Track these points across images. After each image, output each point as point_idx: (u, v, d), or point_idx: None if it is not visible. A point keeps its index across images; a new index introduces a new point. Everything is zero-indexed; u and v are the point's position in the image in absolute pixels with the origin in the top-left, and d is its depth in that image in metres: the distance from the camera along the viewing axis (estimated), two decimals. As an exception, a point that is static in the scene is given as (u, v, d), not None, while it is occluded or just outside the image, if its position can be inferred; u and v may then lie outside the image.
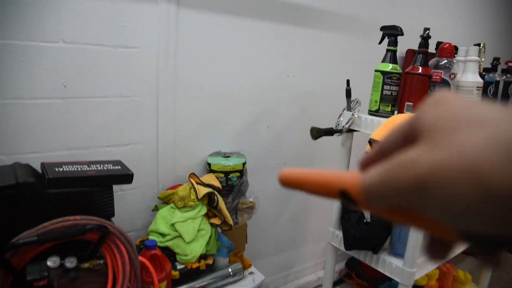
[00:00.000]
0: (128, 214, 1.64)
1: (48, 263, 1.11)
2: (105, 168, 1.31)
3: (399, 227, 1.16)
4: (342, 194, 0.29)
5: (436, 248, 0.26)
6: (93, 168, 1.28)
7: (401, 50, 2.29)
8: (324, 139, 1.30)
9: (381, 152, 0.27)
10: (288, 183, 0.36)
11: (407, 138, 0.24)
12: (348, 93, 1.20)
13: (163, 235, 1.46)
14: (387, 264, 1.19)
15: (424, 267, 1.19)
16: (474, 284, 1.84)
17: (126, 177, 1.30)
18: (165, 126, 1.63)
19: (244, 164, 1.69)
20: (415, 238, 1.09)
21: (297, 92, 2.05)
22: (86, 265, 1.16)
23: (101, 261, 1.19)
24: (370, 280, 2.38)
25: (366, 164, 0.28)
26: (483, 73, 1.40)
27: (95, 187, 1.24)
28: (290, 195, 2.20)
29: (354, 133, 1.25)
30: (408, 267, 1.12)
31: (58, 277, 1.10)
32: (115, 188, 1.55)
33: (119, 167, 1.34)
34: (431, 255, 0.27)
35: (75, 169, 1.25)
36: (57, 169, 1.21)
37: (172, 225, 1.45)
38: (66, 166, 1.26)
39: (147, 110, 1.58)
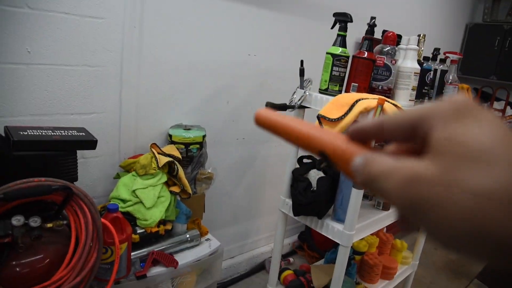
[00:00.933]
0: (90, 181, 1.69)
1: (13, 221, 1.16)
2: (69, 134, 1.36)
3: (341, 195, 1.30)
4: (322, 154, 0.30)
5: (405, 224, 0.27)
6: (57, 133, 1.32)
7: (358, 36, 2.43)
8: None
9: (380, 129, 0.27)
10: (264, 123, 0.37)
11: (414, 132, 0.24)
12: (302, 72, 1.30)
13: (124, 201, 1.53)
14: (330, 228, 1.34)
15: (362, 231, 1.35)
16: (409, 251, 2.06)
17: (90, 143, 1.35)
18: (128, 96, 1.68)
19: (204, 136, 1.78)
20: (354, 206, 1.24)
21: (257, 70, 2.15)
22: (49, 225, 1.22)
23: (64, 222, 1.25)
24: (320, 252, 2.57)
25: (359, 134, 0.29)
26: (422, 61, 1.55)
27: (60, 151, 1.29)
28: (247, 168, 2.32)
29: (306, 109, 1.37)
30: (348, 231, 1.27)
31: (22, 235, 1.16)
32: (78, 155, 1.60)
33: (83, 134, 1.39)
34: (402, 229, 0.30)
35: (40, 133, 1.29)
36: (21, 133, 1.25)
37: (133, 191, 1.53)
38: (31, 131, 1.29)
39: (111, 80, 1.62)
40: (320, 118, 1.19)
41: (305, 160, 1.49)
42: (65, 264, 1.17)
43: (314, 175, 1.34)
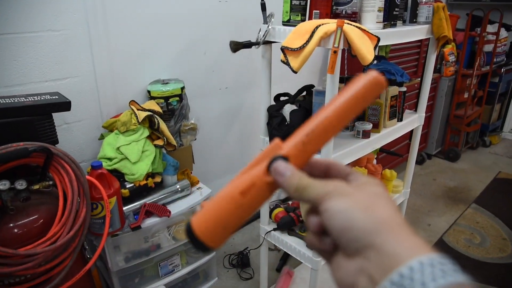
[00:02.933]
0: (77, 146, 1.72)
1: (-1, 186, 1.20)
2: (42, 98, 1.37)
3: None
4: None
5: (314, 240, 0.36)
6: (30, 99, 1.34)
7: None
8: (259, 62, 1.41)
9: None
10: (210, 230, 0.36)
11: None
12: (263, 7, 1.28)
13: (110, 159, 1.56)
14: (307, 158, 1.36)
15: (341, 160, 1.37)
16: (399, 180, 2.10)
17: (63, 105, 1.37)
18: (100, 57, 1.67)
19: (182, 88, 1.78)
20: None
21: (231, 18, 2.10)
22: (36, 186, 1.26)
23: (50, 182, 1.29)
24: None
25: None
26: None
27: (34, 116, 1.30)
28: (235, 117, 2.33)
29: (273, 45, 1.35)
30: (326, 157, 1.29)
31: (11, 199, 1.20)
32: (60, 121, 1.63)
33: (56, 97, 1.40)
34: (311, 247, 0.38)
35: (12, 100, 1.30)
36: (-8, 102, 1.26)
37: (118, 148, 1.56)
38: (3, 99, 1.31)
39: (80, 42, 1.60)
40: (284, 50, 1.18)
41: (281, 98, 1.50)
42: (57, 220, 1.22)
43: (289, 109, 1.35)
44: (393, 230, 0.29)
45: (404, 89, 1.73)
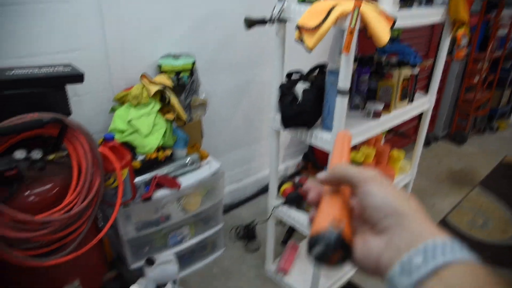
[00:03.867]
0: (87, 118, 1.73)
1: (16, 155, 1.23)
2: (55, 70, 1.38)
3: (327, 105, 1.33)
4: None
5: None
6: (43, 71, 1.35)
7: None
8: (272, 37, 1.40)
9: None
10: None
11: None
12: (279, -16, 1.27)
13: (121, 131, 1.59)
14: (319, 137, 1.38)
15: (352, 139, 1.39)
16: (406, 160, 2.11)
17: (77, 77, 1.38)
18: (111, 30, 1.66)
19: (193, 63, 1.78)
20: (340, 113, 1.26)
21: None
22: (51, 157, 1.29)
23: (65, 153, 1.32)
24: (322, 168, 2.66)
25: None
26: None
27: (48, 88, 1.32)
28: (244, 93, 2.34)
29: (287, 24, 1.34)
30: (335, 138, 1.31)
31: (27, 168, 1.24)
32: (71, 93, 1.64)
33: (70, 69, 1.41)
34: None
35: (26, 72, 1.32)
36: (7, 73, 1.27)
37: (129, 121, 1.58)
38: (17, 70, 1.32)
39: (90, 14, 1.59)
40: (300, 28, 1.18)
41: (293, 76, 1.50)
42: (72, 190, 1.26)
43: (300, 88, 1.36)
44: (420, 217, 0.36)
45: (416, 71, 1.72)
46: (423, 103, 1.86)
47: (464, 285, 0.30)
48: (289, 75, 1.52)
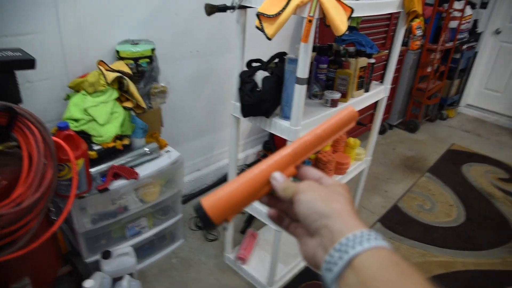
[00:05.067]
0: (41, 105, 1.65)
1: (-42, 145, 1.15)
2: (4, 54, 1.30)
3: (286, 93, 1.34)
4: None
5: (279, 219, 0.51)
6: (-11, 55, 1.26)
7: None
8: (233, 25, 1.38)
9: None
10: (223, 211, 0.45)
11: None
12: (240, -31, 1.25)
13: (77, 120, 1.52)
14: (278, 125, 1.39)
15: (309, 127, 1.41)
16: (362, 148, 2.19)
17: (27, 62, 1.30)
18: (66, 13, 1.58)
19: (153, 50, 1.73)
20: (298, 102, 1.28)
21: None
22: (-1, 147, 1.22)
23: (14, 143, 1.25)
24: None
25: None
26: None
27: (-5, 73, 1.24)
28: (205, 81, 2.31)
29: (248, 10, 1.33)
30: (294, 126, 1.33)
31: (-29, 159, 1.16)
32: (22, 79, 1.55)
33: (19, 53, 1.33)
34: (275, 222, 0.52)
35: (-30, 55, 1.23)
36: None
37: (85, 110, 1.52)
38: (-41, 53, 1.23)
39: (43, -5, 1.51)
40: (259, 16, 1.17)
41: (254, 64, 1.50)
42: (22, 182, 1.19)
43: (261, 75, 1.36)
44: (342, 216, 0.40)
45: (373, 60, 1.78)
46: (379, 92, 1.92)
47: (372, 270, 0.34)
48: (249, 63, 1.51)
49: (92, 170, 1.50)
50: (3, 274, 1.32)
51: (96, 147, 1.53)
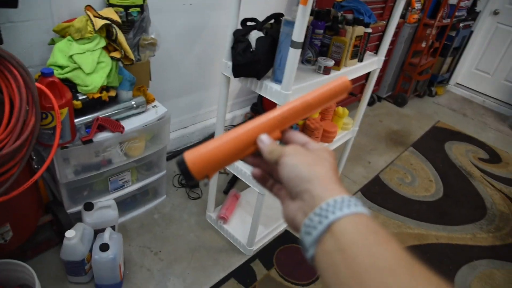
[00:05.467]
0: (23, 48, 1.58)
1: None
2: (-17, -10, 1.22)
3: (279, 56, 1.31)
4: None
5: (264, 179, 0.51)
6: (-31, -11, 1.19)
7: None
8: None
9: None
10: (205, 166, 0.45)
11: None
12: None
13: (62, 67, 1.47)
14: (269, 88, 1.37)
15: (300, 92, 1.39)
16: (350, 118, 2.19)
17: (9, 0, 1.23)
18: (52, -50, 1.49)
19: (144, -1, 1.66)
20: (291, 66, 1.25)
21: None
22: (-22, 89, 1.17)
23: (-5, 86, 1.20)
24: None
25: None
26: None
27: (-25, 9, 1.17)
28: (196, 36, 2.24)
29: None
30: (285, 90, 1.31)
31: (-51, 99, 1.12)
32: (3, 19, 1.48)
33: (1, -10, 1.26)
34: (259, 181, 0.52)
35: None
36: None
37: (71, 57, 1.46)
38: None
39: None
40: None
41: (248, 23, 1.45)
42: (3, 128, 1.16)
43: (255, 35, 1.32)
44: (324, 181, 0.41)
45: (369, 30, 1.74)
46: (372, 63, 1.90)
47: (351, 236, 0.35)
48: (244, 22, 1.47)
49: (76, 120, 1.47)
50: (-18, 219, 1.32)
51: (81, 97, 1.49)
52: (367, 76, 2.04)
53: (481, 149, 3.42)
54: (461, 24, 3.89)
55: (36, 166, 1.43)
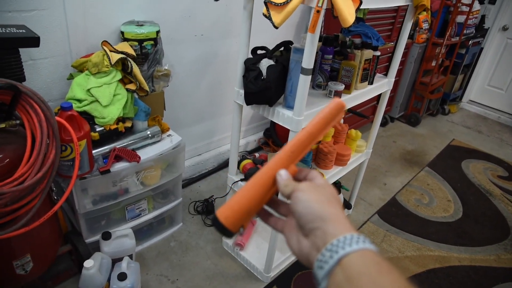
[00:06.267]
0: (43, 84, 1.65)
1: (-38, 122, 1.15)
2: (7, 31, 1.29)
3: (290, 83, 1.34)
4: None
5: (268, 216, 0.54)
6: (-6, 31, 1.25)
7: None
8: (239, 10, 1.37)
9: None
10: (238, 219, 0.48)
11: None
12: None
13: (80, 100, 1.52)
14: (281, 115, 1.39)
15: (310, 117, 1.41)
16: (363, 140, 2.19)
17: (32, 40, 1.30)
18: (71, -10, 1.57)
19: (157, 32, 1.72)
20: (302, 92, 1.28)
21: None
22: (2, 125, 1.22)
23: (17, 122, 1.25)
24: (283, 145, 2.69)
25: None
26: None
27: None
28: (208, 66, 2.30)
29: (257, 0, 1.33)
30: (297, 116, 1.33)
31: (-25, 136, 1.16)
32: (25, 57, 1.55)
33: (24, 31, 1.32)
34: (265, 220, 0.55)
35: (-26, 31, 1.22)
36: (-47, 31, 1.17)
37: (88, 90, 1.51)
38: (-36, 29, 1.22)
39: (48, -29, 1.49)
40: (267, 4, 1.17)
41: (258, 51, 1.49)
42: (25, 161, 1.20)
43: (266, 64, 1.35)
44: (335, 220, 0.44)
45: (378, 53, 1.77)
46: (383, 85, 1.92)
47: (358, 268, 0.39)
48: (254, 50, 1.51)
49: (94, 151, 1.51)
50: (5, 251, 1.34)
51: (98, 129, 1.53)
52: (378, 97, 2.05)
53: (499, 167, 3.36)
54: (470, 42, 3.90)
55: (55, 197, 1.46)
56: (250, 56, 1.48)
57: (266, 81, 1.31)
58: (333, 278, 0.40)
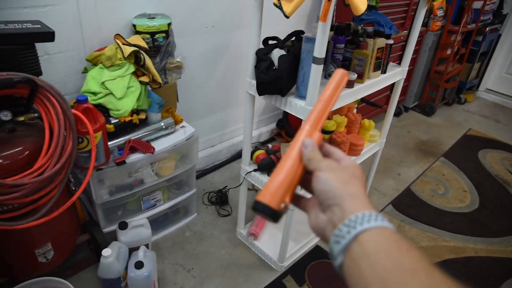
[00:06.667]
0: (59, 78, 1.69)
1: (-17, 115, 1.19)
2: (24, 26, 1.32)
3: (302, 72, 1.34)
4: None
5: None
6: (11, 27, 1.28)
7: None
8: (248, 2, 1.37)
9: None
10: (281, 197, 0.49)
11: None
12: None
13: (94, 93, 1.55)
14: (293, 105, 1.40)
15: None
16: (377, 130, 2.18)
17: (47, 35, 1.32)
18: (84, -15, 1.59)
19: (169, 24, 1.73)
20: (314, 82, 1.28)
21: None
22: (21, 118, 1.26)
23: (36, 115, 1.29)
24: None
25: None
26: None
27: (16, 45, 1.26)
28: (220, 57, 2.31)
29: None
30: (309, 106, 1.33)
31: (-5, 129, 1.20)
32: (41, 52, 1.58)
33: (39, 26, 1.35)
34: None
35: (-8, 27, 1.25)
36: (-29, 27, 1.20)
37: (103, 83, 1.54)
38: (-18, 25, 1.25)
39: (61, -33, 1.51)
40: (278, -6, 1.16)
41: (270, 42, 1.49)
42: (44, 153, 1.23)
43: (277, 54, 1.35)
44: (354, 199, 0.44)
45: (391, 41, 1.75)
46: (396, 74, 1.90)
47: (376, 244, 0.39)
48: (265, 41, 1.51)
49: (110, 143, 1.54)
50: (28, 240, 1.39)
51: (113, 121, 1.56)
52: (392, 86, 2.03)
53: (517, 156, 3.30)
54: (487, 28, 3.81)
55: (73, 188, 1.50)
56: (262, 46, 1.48)
57: (278, 71, 1.31)
58: (350, 253, 0.40)
